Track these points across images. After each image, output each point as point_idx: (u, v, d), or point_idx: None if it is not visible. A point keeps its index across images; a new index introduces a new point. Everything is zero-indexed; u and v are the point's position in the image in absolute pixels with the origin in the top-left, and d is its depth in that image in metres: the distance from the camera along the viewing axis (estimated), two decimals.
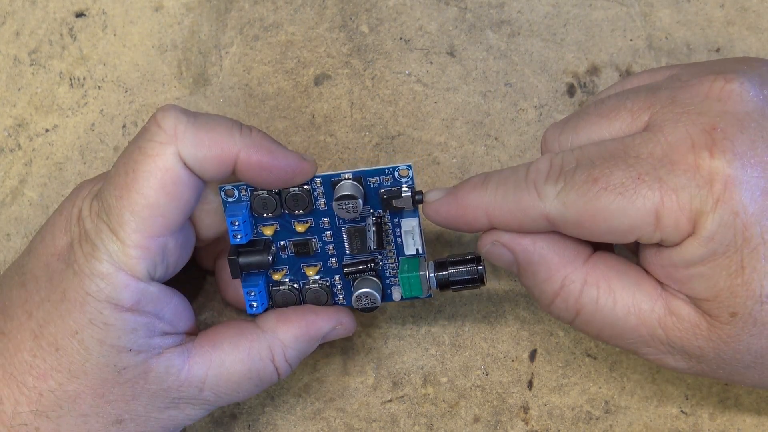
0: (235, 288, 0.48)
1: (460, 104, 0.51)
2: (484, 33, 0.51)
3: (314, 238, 0.45)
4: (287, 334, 0.45)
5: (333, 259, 0.46)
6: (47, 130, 0.52)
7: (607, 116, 0.41)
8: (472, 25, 0.51)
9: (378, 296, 0.45)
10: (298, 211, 0.45)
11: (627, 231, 0.39)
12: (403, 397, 0.51)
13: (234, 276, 0.45)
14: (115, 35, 0.52)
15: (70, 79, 0.52)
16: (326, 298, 0.46)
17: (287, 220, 0.45)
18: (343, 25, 0.51)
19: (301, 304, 0.46)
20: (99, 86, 0.52)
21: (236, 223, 0.44)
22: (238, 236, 0.44)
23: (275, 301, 0.46)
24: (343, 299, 0.47)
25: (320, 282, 0.46)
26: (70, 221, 0.43)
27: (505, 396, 0.50)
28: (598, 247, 0.43)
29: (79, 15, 0.52)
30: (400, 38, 0.51)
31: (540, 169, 0.41)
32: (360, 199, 0.44)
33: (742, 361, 0.40)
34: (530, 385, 0.50)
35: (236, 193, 0.44)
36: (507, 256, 0.43)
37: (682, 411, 0.50)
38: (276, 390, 0.51)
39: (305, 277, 0.46)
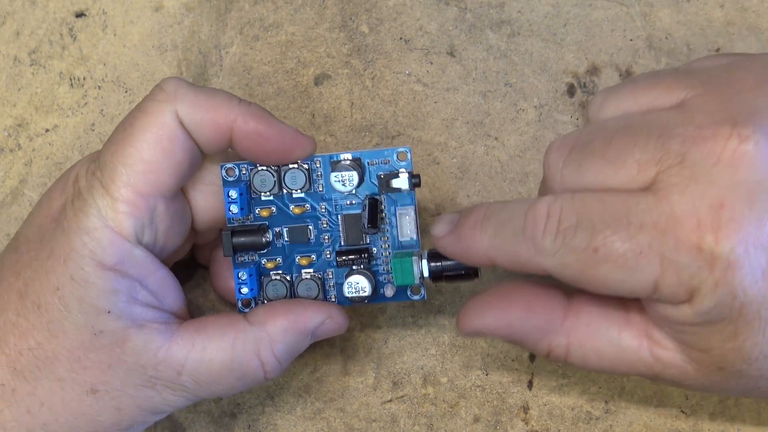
0: (226, 281, 0.48)
1: (460, 104, 0.51)
2: (484, 33, 0.51)
3: (311, 225, 0.46)
4: (275, 327, 0.44)
5: (327, 250, 0.46)
6: (47, 130, 0.52)
7: (613, 162, 0.39)
8: (472, 25, 0.51)
9: (369, 285, 0.45)
10: (296, 191, 0.45)
11: (622, 294, 0.39)
12: (403, 397, 0.51)
13: (226, 253, 0.45)
14: (115, 35, 0.52)
15: (70, 79, 0.52)
16: (317, 292, 0.46)
17: (284, 202, 0.45)
18: (343, 25, 0.51)
19: (291, 296, 0.46)
20: (99, 86, 0.52)
21: (233, 195, 0.44)
22: (234, 209, 0.44)
23: (266, 294, 0.46)
24: (335, 297, 0.46)
25: (313, 274, 0.46)
26: (66, 184, 0.44)
27: (505, 396, 0.50)
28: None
29: (79, 15, 0.52)
30: (400, 38, 0.51)
31: (537, 219, 0.40)
32: (355, 172, 0.44)
33: (731, 393, 0.41)
34: (530, 385, 0.50)
35: (237, 171, 0.45)
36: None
37: (682, 411, 0.50)
38: (276, 390, 0.51)
39: (298, 269, 0.46)
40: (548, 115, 0.51)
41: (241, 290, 0.45)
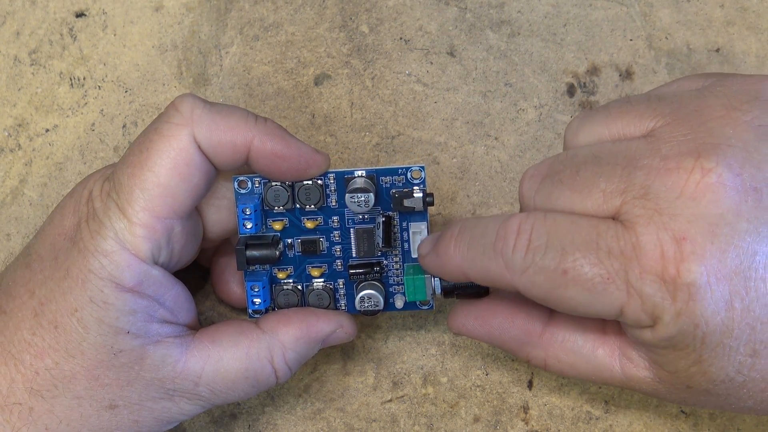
0: (228, 286, 0.48)
1: (460, 104, 0.51)
2: (484, 33, 0.51)
3: (322, 237, 0.45)
4: (288, 335, 0.45)
5: (339, 262, 0.46)
6: (47, 130, 0.52)
7: (580, 192, 0.40)
8: (472, 25, 0.51)
9: (381, 298, 0.45)
10: (310, 206, 0.45)
11: (591, 316, 0.40)
12: (403, 397, 0.51)
13: (240, 267, 0.45)
14: (115, 35, 0.52)
15: (70, 79, 0.52)
16: (329, 301, 0.46)
17: (297, 216, 0.45)
18: (343, 25, 0.51)
19: (302, 306, 0.46)
20: (99, 86, 0.52)
21: (248, 211, 0.44)
22: (248, 225, 0.44)
23: (277, 303, 0.46)
24: (345, 306, 0.46)
25: (324, 284, 0.46)
26: (79, 202, 0.44)
27: (505, 396, 0.50)
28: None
29: (79, 15, 0.52)
30: (400, 38, 0.51)
31: (508, 235, 0.40)
32: (372, 194, 0.44)
33: (704, 407, 0.42)
34: (530, 385, 0.50)
35: (249, 184, 0.45)
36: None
37: (682, 411, 0.50)
38: (276, 390, 0.51)
39: (309, 278, 0.46)
40: (548, 115, 0.51)
41: (254, 301, 0.45)
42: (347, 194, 0.44)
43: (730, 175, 0.38)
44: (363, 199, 0.44)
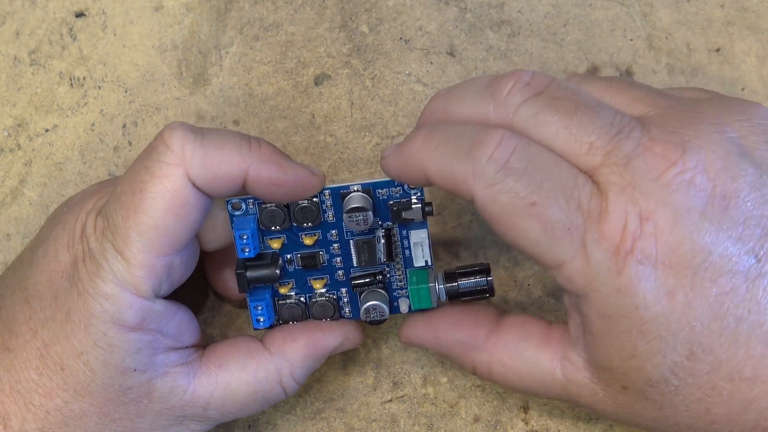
0: (225, 282, 0.48)
1: None
2: (484, 33, 0.51)
3: (322, 251, 0.45)
4: (295, 354, 0.45)
5: (340, 272, 0.46)
6: (47, 130, 0.52)
7: (569, 131, 0.39)
8: (472, 25, 0.51)
9: (386, 309, 0.45)
10: (307, 224, 0.45)
11: (528, 254, 0.40)
12: (403, 397, 0.51)
13: (241, 290, 0.45)
14: (115, 35, 0.52)
15: (70, 79, 0.52)
16: (333, 312, 0.46)
17: (295, 233, 0.45)
18: (343, 25, 0.51)
19: (307, 318, 0.46)
20: (99, 86, 0.52)
21: (245, 237, 0.44)
22: (246, 250, 0.44)
23: (281, 316, 0.46)
24: (350, 312, 0.46)
25: (327, 295, 0.46)
26: (73, 238, 0.43)
27: (505, 396, 0.50)
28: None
29: (79, 15, 0.52)
30: (400, 38, 0.51)
31: (487, 143, 0.39)
32: (370, 212, 0.43)
33: (641, 423, 0.42)
34: None
35: (243, 206, 0.44)
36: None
37: None
38: None
39: (311, 290, 0.46)
40: None
41: (258, 319, 0.45)
42: (345, 215, 0.43)
43: (704, 179, 0.38)
44: (362, 218, 0.43)
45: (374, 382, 0.51)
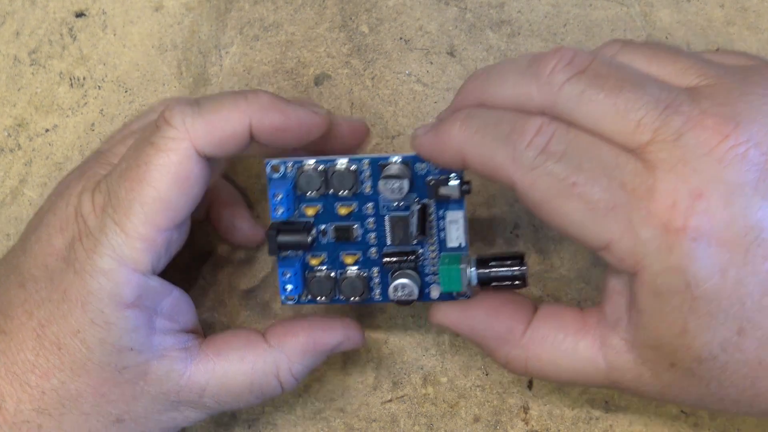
0: (227, 221, 0.48)
1: None
2: (484, 33, 0.51)
3: (356, 224, 0.45)
4: (294, 349, 0.45)
5: (373, 249, 0.45)
6: (47, 130, 0.52)
7: (616, 109, 0.39)
8: (472, 25, 0.51)
9: (416, 288, 0.44)
10: (343, 192, 0.44)
11: (574, 237, 0.39)
12: (403, 397, 0.51)
13: (271, 253, 0.44)
14: (115, 35, 0.52)
15: (70, 79, 0.52)
16: (362, 291, 0.45)
17: (330, 202, 0.45)
18: (343, 25, 0.51)
19: (336, 293, 0.46)
20: (99, 86, 0.52)
21: (279, 196, 0.43)
22: (280, 210, 0.44)
23: (310, 290, 0.45)
24: (380, 294, 0.46)
25: (358, 272, 0.45)
26: (66, 221, 0.43)
27: (505, 396, 0.50)
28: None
29: (79, 15, 0.52)
30: (400, 38, 0.51)
31: (527, 130, 0.39)
32: (406, 180, 0.43)
33: (686, 401, 0.41)
34: (530, 385, 0.50)
35: (282, 168, 0.44)
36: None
37: (682, 411, 0.50)
38: None
39: (343, 266, 0.45)
40: None
41: (286, 287, 0.45)
42: (381, 180, 0.43)
43: (758, 153, 0.38)
44: (397, 185, 0.43)
45: (374, 382, 0.51)
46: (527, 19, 0.51)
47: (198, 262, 0.51)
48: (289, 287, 0.45)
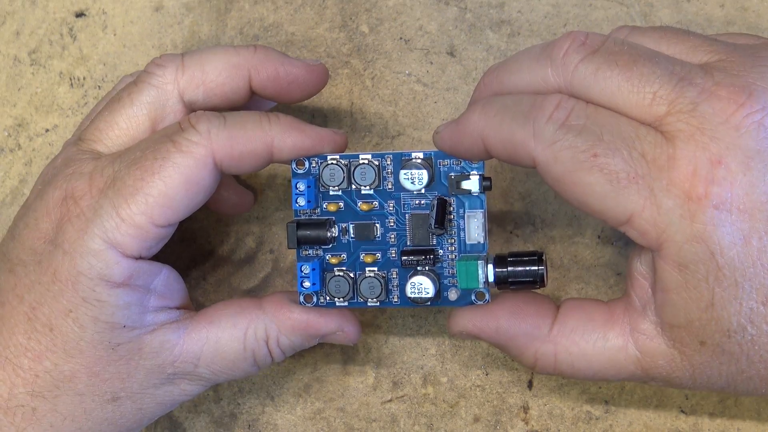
0: (225, 199, 0.49)
1: (460, 104, 0.51)
2: (484, 33, 0.51)
3: (377, 223, 0.45)
4: (286, 323, 0.45)
5: (393, 250, 0.45)
6: (47, 130, 0.52)
7: (631, 83, 0.39)
8: (472, 25, 0.51)
9: (432, 287, 0.44)
10: (365, 187, 0.45)
11: (596, 211, 0.39)
12: (403, 397, 0.51)
13: (291, 245, 0.44)
14: (115, 35, 0.52)
15: (70, 79, 0.52)
16: (380, 291, 0.45)
17: (352, 198, 0.45)
18: (343, 25, 0.51)
19: (354, 294, 0.45)
20: (99, 86, 0.52)
21: (301, 187, 0.44)
22: (301, 201, 0.44)
23: (328, 289, 0.45)
24: (398, 298, 0.45)
25: (377, 273, 0.45)
26: (51, 204, 0.43)
27: (505, 396, 0.50)
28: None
29: (79, 15, 0.52)
30: (400, 38, 0.51)
31: (546, 106, 0.40)
32: (426, 171, 0.43)
33: (716, 384, 0.41)
34: (530, 385, 0.50)
35: (307, 165, 0.44)
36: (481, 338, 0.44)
37: (682, 411, 0.50)
38: (276, 390, 0.51)
39: (362, 266, 0.45)
40: None
41: (304, 284, 0.45)
42: (401, 171, 0.43)
43: None
44: (416, 174, 0.43)
45: (374, 382, 0.51)
46: (527, 19, 0.51)
47: (198, 262, 0.51)
48: (307, 284, 0.45)
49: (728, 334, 0.39)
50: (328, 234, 0.45)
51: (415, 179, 0.44)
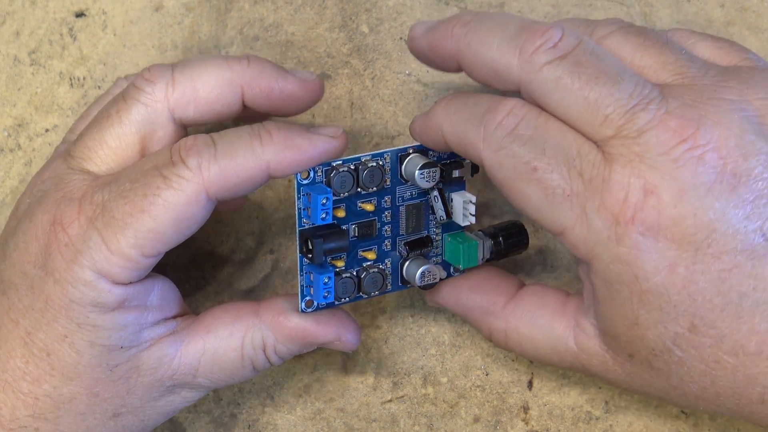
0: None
1: None
2: None
3: (376, 219, 0.45)
4: (283, 332, 0.45)
5: (387, 242, 0.46)
6: (47, 130, 0.52)
7: (588, 101, 0.40)
8: None
9: (437, 271, 0.46)
10: (372, 188, 0.45)
11: (533, 219, 0.41)
12: (403, 397, 0.51)
13: (317, 261, 0.43)
14: (115, 35, 0.52)
15: (70, 79, 0.52)
16: (381, 284, 0.46)
17: (353, 201, 0.45)
18: (343, 25, 0.51)
19: (358, 292, 0.46)
20: (99, 86, 0.52)
21: (325, 201, 0.43)
22: (325, 216, 0.43)
23: (336, 293, 0.45)
24: (390, 285, 0.46)
25: (377, 266, 0.46)
26: (41, 227, 0.43)
27: (505, 396, 0.50)
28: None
29: (79, 15, 0.52)
30: (400, 38, 0.51)
31: (498, 111, 0.41)
32: (438, 169, 0.45)
33: (651, 393, 0.42)
34: (530, 385, 0.50)
35: (311, 174, 0.44)
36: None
37: (682, 411, 0.50)
38: (276, 390, 0.51)
39: (360, 263, 0.45)
40: None
41: (325, 295, 0.44)
42: (418, 171, 0.44)
43: (715, 157, 0.39)
44: (431, 173, 0.44)
45: (374, 382, 0.51)
46: None
47: (198, 262, 0.51)
48: (328, 294, 0.44)
49: (654, 353, 0.40)
50: (348, 241, 0.44)
51: (430, 178, 0.45)
